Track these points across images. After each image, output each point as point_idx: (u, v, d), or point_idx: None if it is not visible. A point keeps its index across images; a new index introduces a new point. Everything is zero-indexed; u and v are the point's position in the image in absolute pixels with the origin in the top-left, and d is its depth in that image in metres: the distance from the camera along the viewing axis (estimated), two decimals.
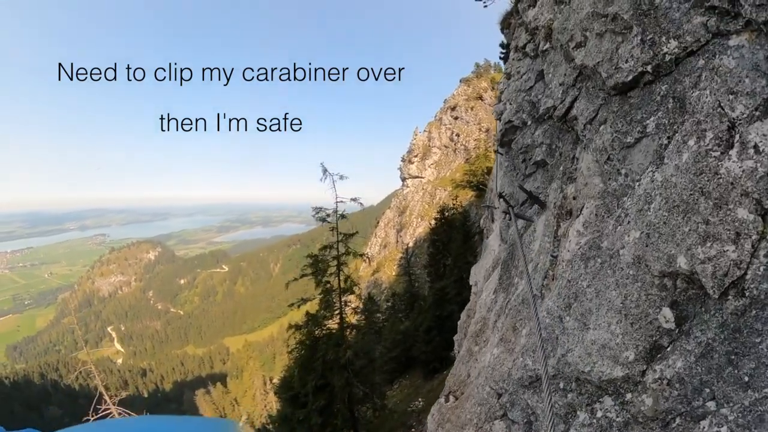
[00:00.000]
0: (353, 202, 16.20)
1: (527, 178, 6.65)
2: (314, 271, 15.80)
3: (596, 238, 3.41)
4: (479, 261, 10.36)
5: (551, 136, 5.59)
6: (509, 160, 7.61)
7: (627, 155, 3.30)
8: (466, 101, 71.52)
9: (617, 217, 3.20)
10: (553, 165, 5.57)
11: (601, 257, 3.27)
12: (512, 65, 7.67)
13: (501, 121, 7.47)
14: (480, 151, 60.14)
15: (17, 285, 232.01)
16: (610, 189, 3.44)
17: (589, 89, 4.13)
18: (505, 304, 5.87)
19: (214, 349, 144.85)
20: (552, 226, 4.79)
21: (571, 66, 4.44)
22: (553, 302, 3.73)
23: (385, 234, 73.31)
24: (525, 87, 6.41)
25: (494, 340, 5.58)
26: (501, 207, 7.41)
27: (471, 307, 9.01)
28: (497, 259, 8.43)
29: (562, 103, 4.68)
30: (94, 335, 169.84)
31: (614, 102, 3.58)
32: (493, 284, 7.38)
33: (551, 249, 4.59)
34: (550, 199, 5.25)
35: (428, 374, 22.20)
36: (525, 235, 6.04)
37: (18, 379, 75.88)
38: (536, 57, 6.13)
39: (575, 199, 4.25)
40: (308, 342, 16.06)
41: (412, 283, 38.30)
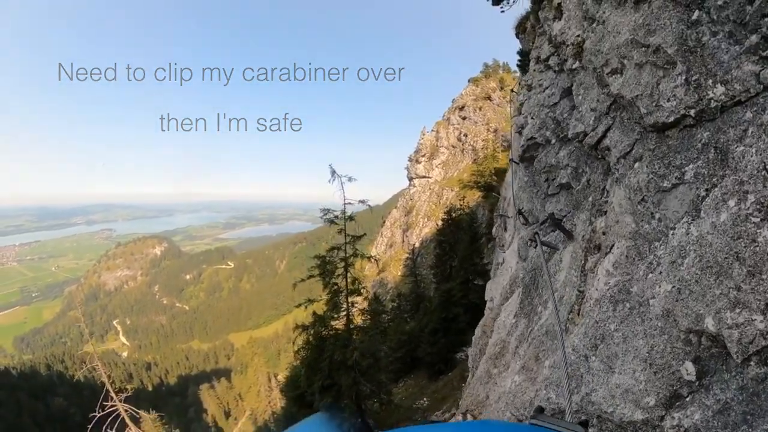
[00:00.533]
0: (361, 203, 16.15)
1: (549, 198, 6.48)
2: (321, 273, 15.81)
3: (626, 281, 3.34)
4: (495, 278, 10.02)
5: (578, 160, 5.43)
6: (529, 175, 7.39)
7: (662, 200, 3.12)
8: (474, 101, 71.35)
9: (649, 263, 3.10)
10: (579, 191, 5.40)
11: (630, 302, 3.22)
12: (533, 77, 7.41)
13: (522, 135, 7.25)
14: (488, 152, 59.99)
15: (25, 277, 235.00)
16: (643, 231, 3.31)
17: (623, 120, 3.93)
18: (528, 331, 5.85)
19: (219, 345, 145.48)
20: (579, 259, 4.70)
21: (605, 92, 4.23)
22: (579, 340, 3.71)
23: (391, 233, 73.34)
24: (549, 102, 6.16)
25: (515, 367, 5.58)
26: (518, 222, 7.32)
27: (486, 323, 8.84)
28: (515, 277, 8.30)
29: (594, 131, 4.49)
30: (99, 328, 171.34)
31: (651, 139, 3.39)
32: (513, 307, 7.30)
33: (578, 283, 4.51)
34: (578, 231, 5.12)
35: (433, 375, 22.20)
36: (550, 263, 5.88)
37: (25, 369, 76.76)
38: (561, 72, 5.90)
39: (605, 235, 4.17)
40: (315, 342, 16.12)
41: (417, 284, 38.25)
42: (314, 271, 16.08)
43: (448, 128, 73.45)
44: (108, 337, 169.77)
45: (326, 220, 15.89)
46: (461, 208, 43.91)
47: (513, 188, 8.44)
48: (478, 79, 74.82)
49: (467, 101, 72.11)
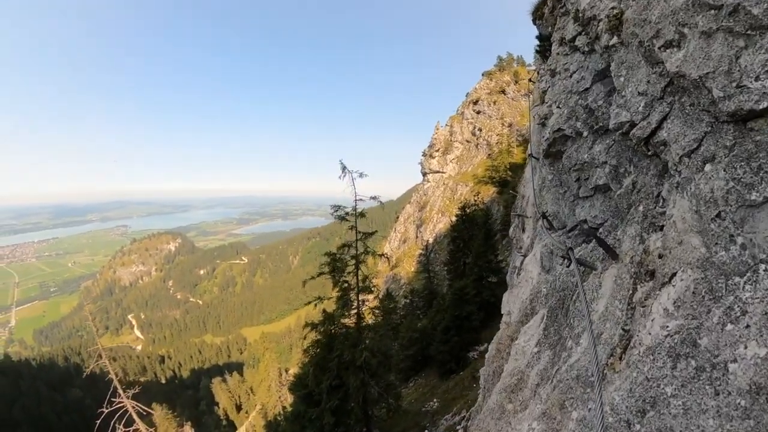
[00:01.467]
0: (373, 200, 15.84)
1: (580, 201, 5.57)
2: (332, 270, 15.51)
3: (692, 328, 2.49)
4: (513, 288, 8.43)
5: (619, 156, 4.50)
6: (555, 173, 6.44)
7: (748, 218, 2.34)
8: (488, 95, 70.35)
9: (727, 308, 2.29)
10: (622, 195, 4.45)
11: (697, 360, 2.37)
12: (557, 61, 6.41)
13: (546, 127, 6.33)
14: (503, 147, 59.02)
15: (43, 273, 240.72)
16: (717, 260, 2.49)
17: (685, 107, 3.08)
18: (553, 370, 4.79)
19: (232, 339, 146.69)
20: (626, 287, 3.64)
21: (657, 71, 3.41)
22: (620, 397, 2.85)
23: (404, 229, 72.78)
24: (578, 88, 5.28)
25: (535, 410, 4.63)
26: (541, 226, 6.27)
27: (502, 340, 7.68)
28: (536, 291, 6.95)
29: (646, 120, 3.58)
30: (114, 322, 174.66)
31: (728, 133, 2.60)
32: (535, 332, 6.06)
33: (623, 319, 3.49)
34: (624, 249, 4.04)
35: (444, 374, 21.75)
36: (584, 286, 4.57)
37: (44, 361, 79.36)
38: (591, 52, 5.07)
39: (662, 258, 3.20)
40: (324, 341, 15.81)
41: (431, 280, 37.78)
42: (324, 269, 15.77)
43: (462, 123, 72.55)
44: (123, 330, 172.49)
45: (337, 217, 15.57)
46: (475, 204, 43.13)
47: (533, 186, 7.63)
48: (492, 73, 73.68)
49: (481, 95, 71.14)
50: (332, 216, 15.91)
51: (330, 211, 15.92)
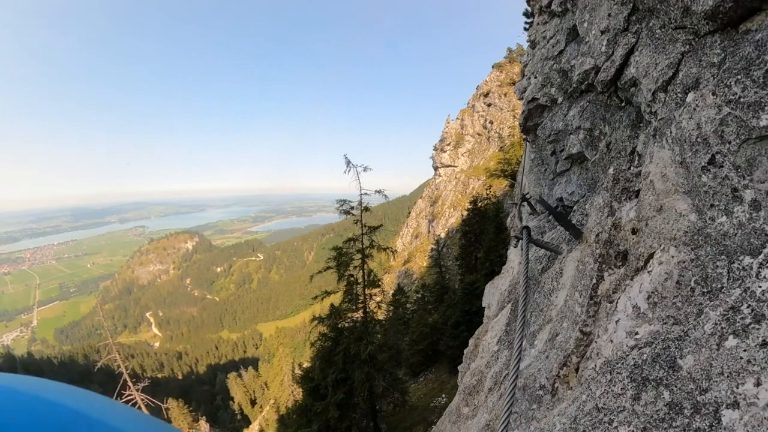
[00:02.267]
0: (378, 194, 15.82)
1: (558, 178, 4.97)
2: (338, 264, 15.53)
3: (672, 339, 1.63)
4: (495, 279, 7.59)
5: (593, 117, 3.88)
6: (536, 151, 5.83)
7: (759, 158, 1.54)
8: (499, 87, 69.49)
9: (729, 309, 1.47)
10: (597, 162, 3.90)
11: (672, 393, 1.51)
12: (536, 30, 5.92)
13: (524, 100, 5.74)
14: (514, 139, 58.31)
15: (63, 274, 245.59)
16: (715, 230, 1.66)
17: (654, 31, 2.47)
18: (504, 372, 3.97)
19: (248, 334, 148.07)
20: (589, 274, 2.62)
21: (618, 2, 2.89)
22: (561, 426, 2.04)
23: (416, 224, 72.59)
24: (553, 53, 4.76)
25: (481, 420, 3.85)
26: (524, 211, 5.69)
27: (479, 335, 6.65)
28: (515, 282, 5.83)
29: (610, 59, 3.04)
30: (133, 320, 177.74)
31: (713, 46, 1.93)
32: (499, 327, 5.14)
33: (582, 317, 2.51)
34: (590, 225, 2.97)
35: (454, 369, 21.50)
36: (546, 274, 3.87)
37: (64, 359, 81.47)
38: (565, 12, 4.64)
39: (635, 234, 2.29)
40: (331, 334, 15.84)
41: (442, 275, 37.58)
42: (331, 263, 15.81)
43: (473, 116, 71.86)
44: (141, 328, 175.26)
45: (342, 211, 15.59)
46: (487, 198, 42.82)
47: (522, 167, 7.00)
48: (502, 65, 72.71)
49: (492, 87, 70.31)
50: (338, 210, 15.93)
51: (335, 207, 15.96)
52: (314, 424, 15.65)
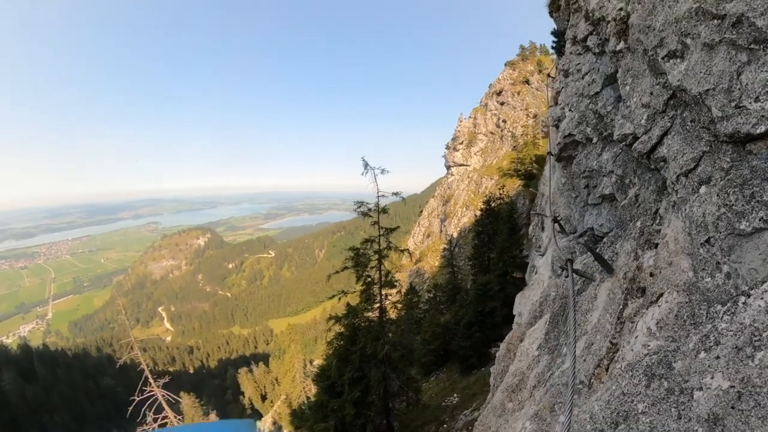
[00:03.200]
0: (395, 196, 16.04)
1: (589, 208, 5.51)
2: (355, 265, 15.71)
3: (670, 351, 2.48)
4: (526, 289, 8.33)
5: (624, 167, 4.38)
6: (567, 177, 6.31)
7: (736, 247, 2.27)
8: (512, 85, 69.02)
9: (703, 336, 2.28)
10: (626, 207, 4.40)
11: (668, 382, 2.35)
12: (570, 60, 6.26)
13: (559, 130, 6.16)
14: (528, 138, 58.02)
15: (77, 269, 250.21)
16: (702, 285, 2.47)
17: (686, 123, 2.95)
18: (548, 373, 4.90)
19: (259, 330, 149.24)
20: (618, 301, 3.65)
21: (661, 83, 3.20)
22: (599, 408, 2.85)
23: (428, 223, 72.53)
24: (589, 92, 5.10)
25: (529, 411, 4.73)
26: (553, 231, 6.17)
27: (512, 340, 7.67)
28: (546, 295, 6.96)
29: (647, 134, 3.44)
30: (145, 315, 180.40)
31: (725, 154, 2.45)
32: (538, 335, 6.11)
33: (611, 332, 3.51)
34: (620, 264, 4.03)
35: (465, 370, 21.73)
36: (582, 295, 4.75)
37: (78, 351, 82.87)
38: (602, 54, 4.87)
39: (653, 277, 3.19)
40: (347, 334, 16.07)
41: (454, 275, 37.55)
42: (348, 263, 16.00)
43: (486, 114, 71.45)
44: (153, 322, 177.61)
45: (360, 213, 15.78)
46: (500, 198, 42.65)
47: (550, 186, 7.51)
48: (514, 63, 72.13)
49: (504, 86, 69.83)
50: (356, 212, 16.14)
51: (353, 207, 16.16)
52: (330, 420, 15.92)
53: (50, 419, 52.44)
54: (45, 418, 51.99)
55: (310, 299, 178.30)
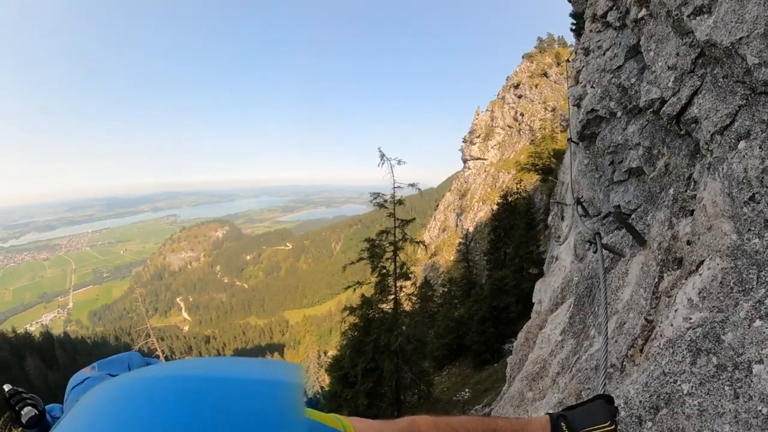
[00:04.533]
0: (411, 187, 16.01)
1: (614, 186, 5.28)
2: (370, 256, 15.81)
3: (717, 322, 2.20)
4: (546, 276, 7.98)
5: (652, 137, 4.14)
6: (590, 157, 6.11)
7: None
8: (529, 78, 68.25)
9: (756, 303, 2.02)
10: (654, 178, 4.15)
11: (719, 357, 2.09)
12: (590, 38, 6.05)
13: (581, 108, 5.94)
14: (546, 132, 57.44)
15: (97, 260, 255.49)
16: (749, 248, 2.22)
17: (717, 79, 2.74)
18: (574, 359, 4.58)
19: (275, 321, 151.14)
20: (652, 275, 3.35)
21: (687, 43, 3.06)
22: (635, 391, 2.56)
23: (444, 217, 72.27)
24: (611, 66, 4.92)
25: (552, 399, 4.48)
26: (577, 213, 5.99)
27: (531, 329, 7.36)
28: (568, 280, 6.67)
29: (676, 95, 3.24)
30: (163, 305, 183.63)
31: (765, 105, 2.31)
32: (561, 320, 5.81)
33: (646, 308, 3.19)
34: (653, 234, 3.76)
35: (478, 365, 21.65)
36: (611, 273, 4.44)
37: (97, 339, 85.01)
38: (623, 27, 4.72)
39: (690, 245, 2.94)
40: (361, 325, 16.17)
41: (469, 270, 37.43)
42: (364, 254, 16.14)
43: (503, 107, 70.80)
44: (171, 312, 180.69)
45: (376, 204, 15.82)
46: (518, 192, 42.35)
47: (572, 172, 7.27)
48: (532, 55, 71.30)
49: (522, 78, 69.08)
50: (372, 203, 16.20)
51: (370, 199, 16.22)
52: (343, 410, 16.07)
53: None
54: None
55: (325, 291, 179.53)
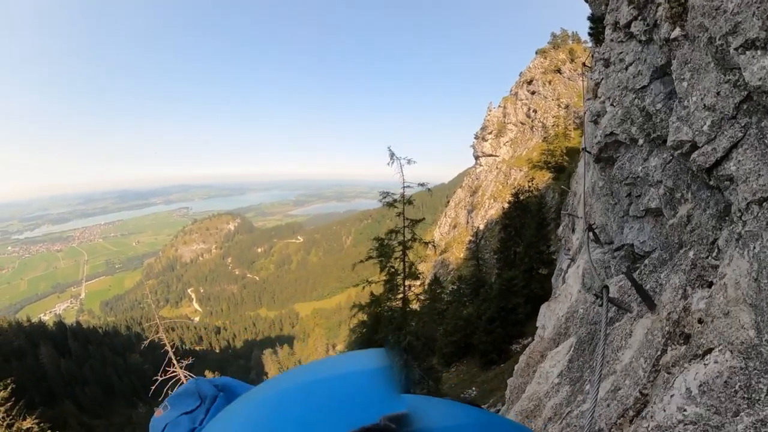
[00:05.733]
0: (421, 186, 15.87)
1: (630, 220, 4.88)
2: (379, 255, 15.76)
3: (711, 426, 1.92)
4: (552, 300, 7.54)
5: (676, 177, 3.65)
6: (606, 180, 5.64)
7: None
8: (543, 74, 67.15)
9: (757, 421, 1.74)
10: (674, 226, 3.68)
11: None
12: (611, 48, 5.50)
13: (598, 126, 5.54)
14: (559, 130, 56.57)
15: (109, 251, 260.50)
16: (765, 351, 1.89)
17: (765, 135, 2.30)
18: (566, 409, 4.23)
19: (285, 313, 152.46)
20: (656, 346, 2.96)
21: (731, 81, 2.53)
22: None
23: (455, 214, 71.75)
24: (634, 85, 4.39)
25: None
26: (587, 238, 5.47)
27: (532, 353, 7.03)
28: (573, 311, 6.17)
29: (711, 144, 2.74)
30: (175, 296, 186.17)
31: None
32: (560, 359, 5.39)
33: (643, 380, 2.85)
34: (664, 300, 3.28)
35: (485, 365, 21.61)
36: (615, 327, 4.05)
37: (108, 329, 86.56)
38: (649, 42, 4.16)
39: (701, 324, 2.55)
40: (370, 322, 16.20)
41: (479, 268, 37.20)
42: (373, 253, 16.05)
43: (516, 104, 69.82)
44: (182, 303, 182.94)
45: (385, 204, 15.68)
46: (529, 190, 41.92)
47: (584, 185, 6.78)
48: (546, 51, 69.95)
49: (535, 75, 68.01)
50: (380, 202, 16.06)
51: (378, 199, 16.10)
52: None
53: (81, 391, 55.25)
54: (77, 390, 54.78)
55: (336, 285, 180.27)
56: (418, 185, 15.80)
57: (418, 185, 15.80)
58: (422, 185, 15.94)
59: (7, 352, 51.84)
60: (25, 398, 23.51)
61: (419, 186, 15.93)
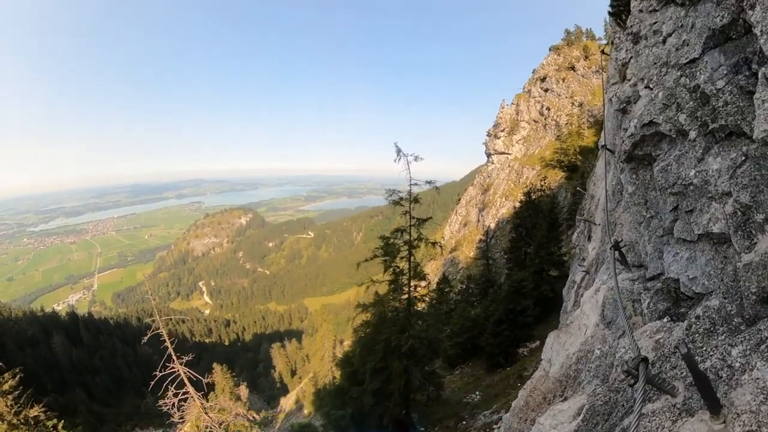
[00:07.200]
0: (428, 184, 15.53)
1: (673, 241, 3.51)
2: (384, 254, 15.40)
3: None
4: (562, 333, 5.13)
5: (756, 188, 2.37)
6: (639, 185, 4.22)
7: None
8: (556, 72, 66.25)
9: None
10: (750, 267, 2.30)
11: None
12: (640, 21, 4.32)
13: (630, 116, 4.23)
14: (572, 128, 55.66)
15: (122, 244, 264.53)
16: None
17: None
18: None
19: (294, 308, 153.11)
20: None
21: None
22: None
23: (466, 212, 71.19)
24: (678, 60, 3.27)
25: None
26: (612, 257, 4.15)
27: (533, 394, 5.58)
28: (587, 351, 4.63)
29: None
30: (186, 288, 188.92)
31: None
32: (565, 419, 3.79)
33: None
34: (737, 402, 1.90)
35: (491, 367, 21.19)
36: (647, 420, 2.36)
37: (120, 320, 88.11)
38: (696, 2, 3.13)
39: None
40: (373, 322, 15.97)
41: (488, 268, 36.77)
42: (378, 252, 15.70)
43: (529, 101, 68.99)
44: (193, 296, 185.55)
45: (392, 202, 15.27)
46: (542, 189, 41.41)
47: (605, 189, 5.48)
48: (559, 48, 69.04)
49: (549, 72, 67.09)
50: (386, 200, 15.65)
51: (385, 197, 15.70)
52: (349, 407, 15.94)
53: (92, 380, 56.16)
54: (88, 379, 55.68)
55: (345, 280, 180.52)
56: (426, 183, 15.46)
57: (426, 183, 15.46)
58: (430, 183, 15.59)
59: (21, 340, 52.94)
60: (34, 386, 23.82)
61: (427, 184, 15.60)
